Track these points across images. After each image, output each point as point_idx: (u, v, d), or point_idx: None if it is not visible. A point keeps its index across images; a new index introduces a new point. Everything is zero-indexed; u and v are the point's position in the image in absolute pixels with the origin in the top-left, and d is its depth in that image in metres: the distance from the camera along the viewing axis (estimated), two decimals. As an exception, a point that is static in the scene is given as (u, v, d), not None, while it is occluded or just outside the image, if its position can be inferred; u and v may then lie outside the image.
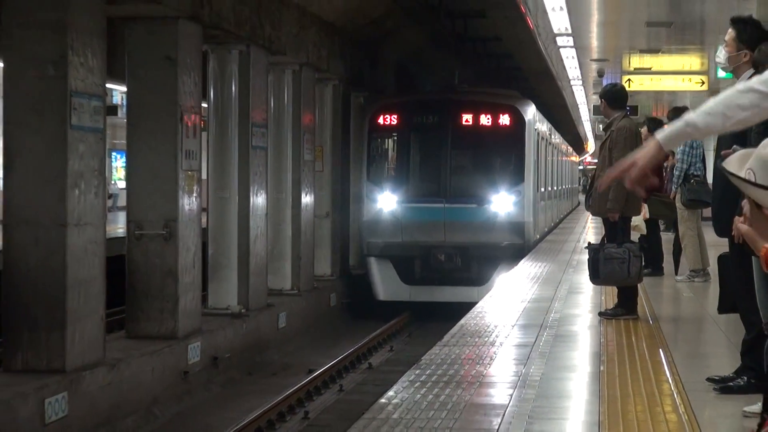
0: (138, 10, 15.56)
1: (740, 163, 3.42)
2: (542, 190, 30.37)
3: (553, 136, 37.70)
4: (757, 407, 8.05)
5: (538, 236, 28.14)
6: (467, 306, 15.18)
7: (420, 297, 25.72)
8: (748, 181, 3.35)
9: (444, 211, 25.31)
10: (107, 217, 14.41)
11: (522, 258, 22.90)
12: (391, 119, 26.14)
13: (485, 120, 25.72)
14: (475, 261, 25.44)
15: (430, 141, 26.43)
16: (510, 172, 26.23)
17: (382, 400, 8.37)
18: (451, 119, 25.82)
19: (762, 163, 3.35)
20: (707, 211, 13.32)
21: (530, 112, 26.65)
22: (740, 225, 3.44)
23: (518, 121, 25.92)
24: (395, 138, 27.21)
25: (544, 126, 32.07)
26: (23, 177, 13.14)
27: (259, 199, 19.92)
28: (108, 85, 14.62)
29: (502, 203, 25.41)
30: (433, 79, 36.38)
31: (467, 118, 25.75)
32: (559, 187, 42.08)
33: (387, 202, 25.62)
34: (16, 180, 13.24)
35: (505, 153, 26.69)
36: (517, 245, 25.15)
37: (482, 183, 25.82)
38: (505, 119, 25.81)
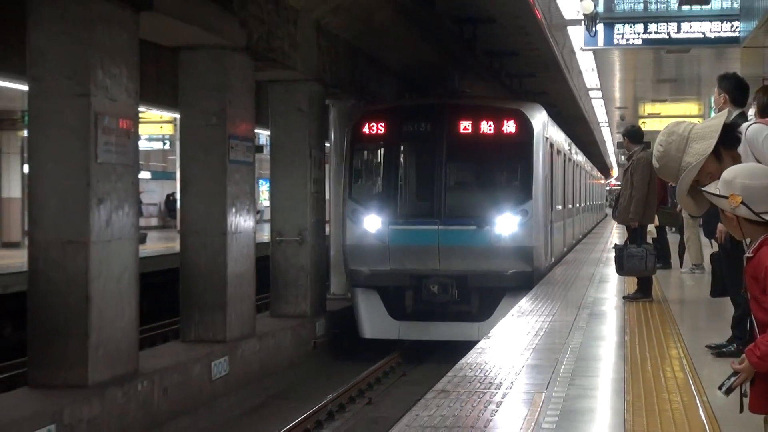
0: (278, 74, 15.69)
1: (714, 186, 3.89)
2: (558, 208, 20.63)
3: (573, 151, 26.78)
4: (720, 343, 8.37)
5: (552, 260, 19.03)
6: (468, 345, 10.03)
7: (411, 335, 17.16)
8: (712, 193, 3.81)
9: (438, 235, 16.34)
10: (256, 228, 14.49)
11: (530, 288, 15.11)
12: (377, 128, 16.96)
13: (486, 127, 16.67)
14: (475, 292, 16.76)
15: (422, 153, 17.47)
16: (516, 188, 17.18)
17: (462, 361, 8.35)
18: (447, 127, 16.70)
19: (723, 182, 3.78)
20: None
21: (540, 118, 17.23)
22: (720, 226, 3.65)
23: (525, 127, 16.75)
24: (382, 150, 17.62)
25: (559, 136, 21.49)
26: (195, 198, 13.29)
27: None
28: (256, 130, 14.73)
29: (506, 225, 16.40)
30: None
31: (465, 126, 16.67)
32: (583, 204, 31.44)
33: (372, 223, 16.68)
34: (189, 200, 13.40)
35: (509, 166, 17.58)
36: (524, 273, 16.47)
37: (483, 201, 16.76)
38: (509, 126, 16.69)
